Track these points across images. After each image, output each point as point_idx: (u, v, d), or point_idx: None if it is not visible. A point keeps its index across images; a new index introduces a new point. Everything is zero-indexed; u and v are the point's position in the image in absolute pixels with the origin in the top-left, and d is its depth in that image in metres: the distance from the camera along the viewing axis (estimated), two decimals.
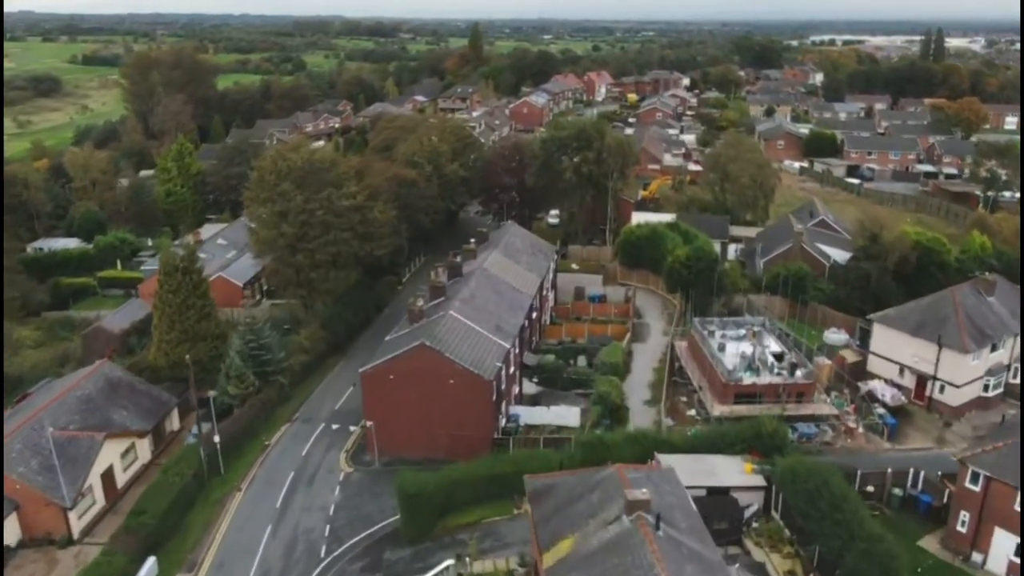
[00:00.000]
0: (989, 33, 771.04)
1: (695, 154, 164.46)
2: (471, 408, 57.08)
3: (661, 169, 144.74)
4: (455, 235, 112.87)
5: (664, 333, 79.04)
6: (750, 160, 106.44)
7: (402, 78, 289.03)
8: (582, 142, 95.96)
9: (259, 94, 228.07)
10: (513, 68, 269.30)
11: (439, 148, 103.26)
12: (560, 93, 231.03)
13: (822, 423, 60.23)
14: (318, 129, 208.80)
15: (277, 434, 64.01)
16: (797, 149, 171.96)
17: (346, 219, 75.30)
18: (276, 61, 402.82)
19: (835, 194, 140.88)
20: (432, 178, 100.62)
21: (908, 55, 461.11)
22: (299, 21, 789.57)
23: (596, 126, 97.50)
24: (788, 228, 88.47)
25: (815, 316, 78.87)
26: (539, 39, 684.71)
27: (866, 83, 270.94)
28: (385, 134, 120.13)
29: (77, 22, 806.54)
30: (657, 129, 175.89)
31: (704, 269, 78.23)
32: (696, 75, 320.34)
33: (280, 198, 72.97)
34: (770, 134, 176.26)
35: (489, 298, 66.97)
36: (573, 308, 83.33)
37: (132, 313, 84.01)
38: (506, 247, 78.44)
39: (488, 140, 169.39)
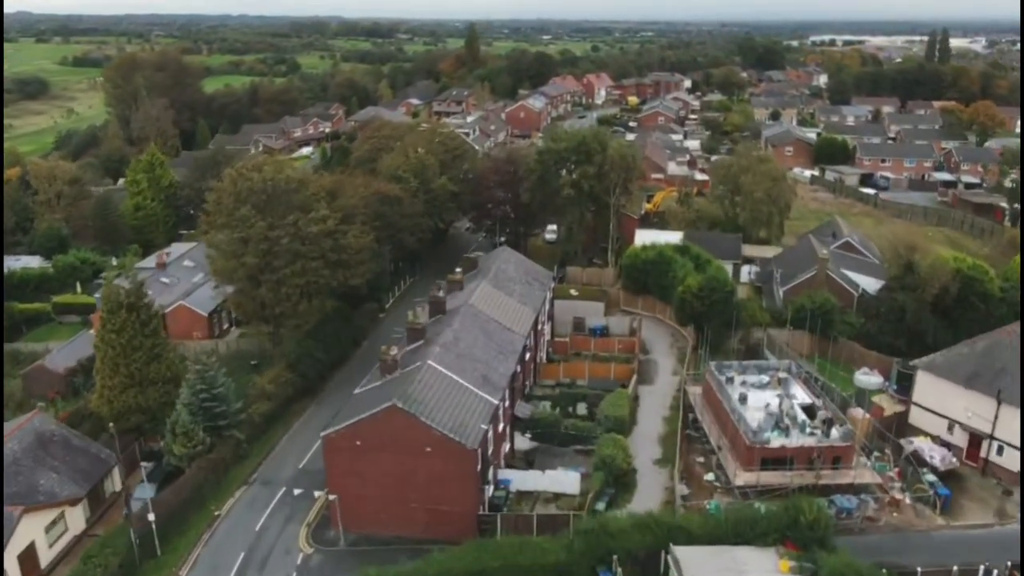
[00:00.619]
0: (989, 34, 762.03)
1: (700, 162, 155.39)
2: (451, 481, 48.01)
3: (665, 179, 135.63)
4: (445, 253, 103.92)
5: (674, 373, 69.94)
6: (764, 173, 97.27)
7: (396, 80, 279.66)
8: (582, 155, 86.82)
9: (247, 98, 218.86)
10: (510, 70, 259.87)
11: (426, 161, 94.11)
12: (558, 96, 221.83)
13: (863, 493, 51.16)
14: (307, 134, 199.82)
15: (230, 501, 54.83)
16: (807, 156, 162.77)
17: (316, 246, 66.19)
18: (270, 63, 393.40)
19: (850, 206, 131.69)
20: (418, 194, 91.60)
21: (911, 56, 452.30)
22: (296, 22, 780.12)
23: (597, 137, 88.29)
24: (809, 251, 79.36)
25: (843, 354, 69.81)
26: (538, 40, 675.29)
27: (873, 85, 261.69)
28: (370, 144, 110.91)
29: (74, 23, 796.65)
30: (660, 135, 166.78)
31: (719, 301, 69.15)
32: (698, 77, 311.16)
33: (239, 224, 63.79)
34: (778, 140, 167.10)
35: (476, 341, 57.85)
36: (572, 343, 74.21)
37: (81, 348, 74.84)
38: (497, 276, 69.31)
39: (483, 147, 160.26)
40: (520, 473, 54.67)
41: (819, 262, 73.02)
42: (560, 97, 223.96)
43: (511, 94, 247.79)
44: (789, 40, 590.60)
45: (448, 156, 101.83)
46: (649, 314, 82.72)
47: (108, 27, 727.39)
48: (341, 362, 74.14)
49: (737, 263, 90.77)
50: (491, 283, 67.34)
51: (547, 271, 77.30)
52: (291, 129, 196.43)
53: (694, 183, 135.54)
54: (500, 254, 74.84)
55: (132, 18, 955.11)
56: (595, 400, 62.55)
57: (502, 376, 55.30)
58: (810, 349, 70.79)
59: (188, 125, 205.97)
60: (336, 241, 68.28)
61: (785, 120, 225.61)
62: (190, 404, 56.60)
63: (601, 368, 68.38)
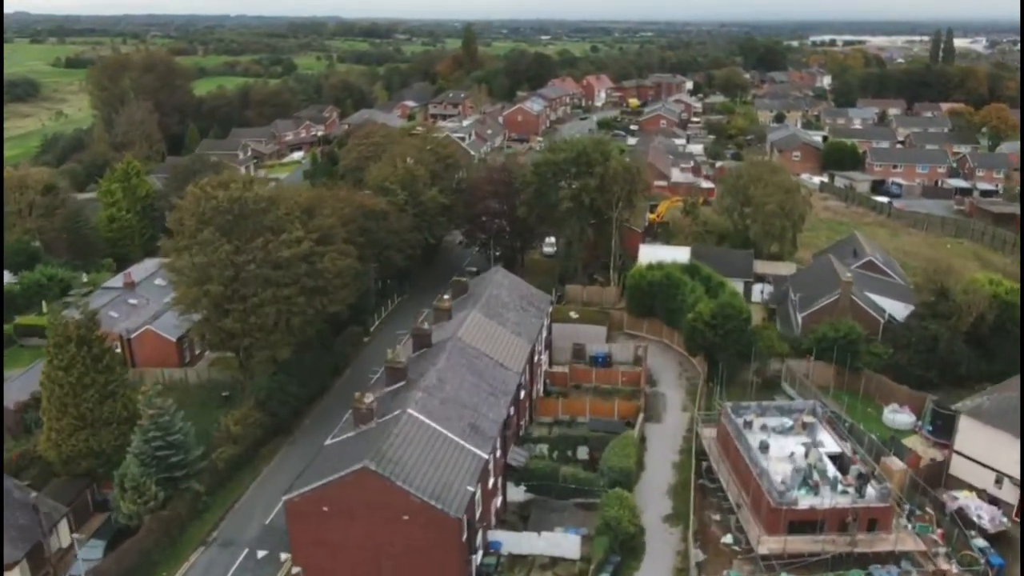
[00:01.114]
0: (989, 34, 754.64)
1: (705, 168, 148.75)
2: (433, 552, 41.43)
3: (669, 187, 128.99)
4: (436, 269, 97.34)
5: (684, 409, 63.33)
6: (777, 184, 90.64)
7: (392, 82, 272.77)
8: (582, 167, 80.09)
9: (238, 100, 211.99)
10: (508, 72, 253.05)
11: (415, 172, 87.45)
12: (557, 99, 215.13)
13: (903, 561, 44.57)
14: (299, 138, 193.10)
15: (184, 567, 48.17)
16: (815, 161, 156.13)
17: (289, 271, 59.49)
18: (265, 64, 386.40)
19: (862, 215, 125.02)
20: (407, 207, 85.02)
21: (915, 57, 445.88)
22: (293, 22, 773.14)
23: (598, 147, 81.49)
24: (829, 271, 72.74)
25: (870, 387, 63.20)
26: (536, 40, 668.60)
27: (878, 87, 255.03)
28: (358, 151, 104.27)
29: (71, 23, 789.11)
30: (662, 139, 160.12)
31: (734, 331, 62.52)
32: (699, 78, 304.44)
33: (202, 248, 57.11)
34: (785, 144, 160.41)
35: (463, 381, 51.21)
36: (572, 374, 67.54)
37: (36, 379, 68.07)
38: (489, 303, 62.65)
39: (479, 152, 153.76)
40: (513, 535, 48.01)
41: (842, 286, 66.34)
42: (559, 100, 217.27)
43: (509, 96, 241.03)
44: (789, 40, 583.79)
45: (440, 165, 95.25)
46: (655, 338, 76.19)
47: (105, 28, 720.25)
48: (320, 394, 67.56)
49: (749, 281, 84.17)
50: (482, 311, 60.69)
51: (544, 294, 70.57)
52: (282, 133, 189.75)
53: (699, 191, 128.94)
54: (493, 277, 68.14)
55: (130, 19, 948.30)
56: (597, 444, 55.87)
57: (493, 423, 48.67)
58: (833, 382, 64.17)
59: (178, 128, 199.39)
60: (313, 265, 61.60)
61: (790, 123, 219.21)
62: (141, 454, 49.99)
63: (604, 405, 61.72)
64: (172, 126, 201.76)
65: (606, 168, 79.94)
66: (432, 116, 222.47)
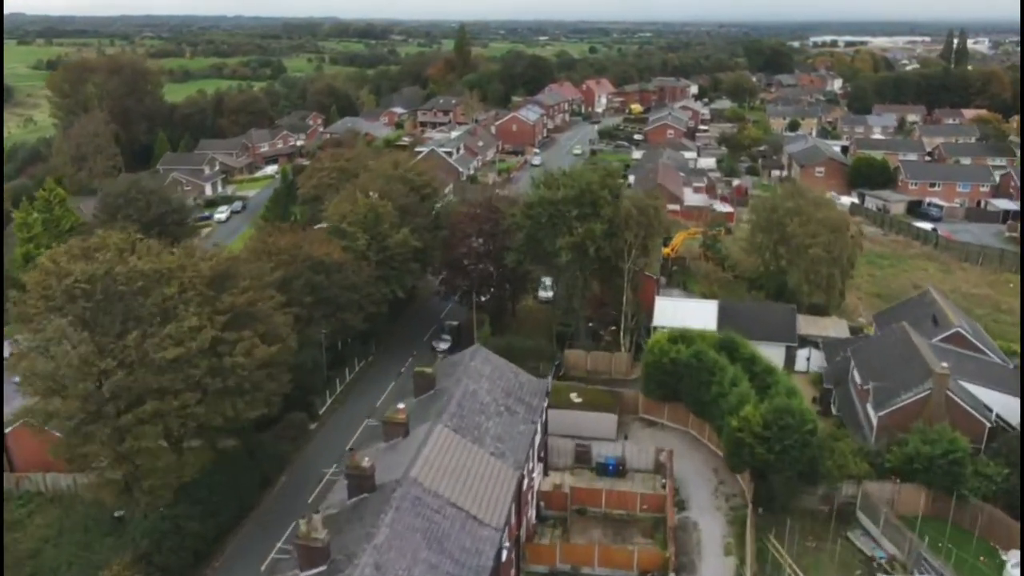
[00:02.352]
0: (989, 34, 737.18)
1: (720, 187, 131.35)
2: None
3: (682, 211, 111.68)
4: (409, 320, 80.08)
5: (726, 551, 45.95)
6: (822, 221, 73.33)
7: (382, 86, 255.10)
8: (585, 207, 62.57)
9: (212, 107, 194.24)
10: (503, 76, 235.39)
11: (380, 209, 69.98)
12: (555, 106, 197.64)
13: None
14: (276, 149, 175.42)
15: None
16: (840, 178, 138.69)
17: (181, 374, 42.12)
18: (254, 66, 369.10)
19: (904, 246, 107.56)
20: (369, 253, 67.73)
21: (919, 58, 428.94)
22: (288, 23, 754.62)
23: (606, 182, 63.85)
24: (904, 347, 55.28)
25: (979, 523, 45.90)
26: (534, 41, 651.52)
27: (895, 92, 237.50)
28: (318, 177, 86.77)
29: (65, 24, 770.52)
30: (671, 153, 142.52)
31: (794, 446, 45.19)
32: (703, 81, 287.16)
33: (49, 346, 39.72)
34: (806, 158, 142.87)
35: (415, 561, 33.82)
36: (574, 495, 50.10)
37: None
38: (462, 406, 45.21)
39: (467, 168, 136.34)
40: None
41: (936, 380, 48.81)
42: (557, 107, 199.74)
43: (504, 102, 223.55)
44: (790, 41, 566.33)
45: (414, 197, 77.81)
46: (678, 427, 58.98)
47: (97, 28, 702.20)
48: (240, 518, 50.18)
49: (792, 346, 66.95)
50: (452, 421, 43.26)
51: (539, 382, 53.04)
52: (257, 144, 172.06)
53: (716, 216, 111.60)
54: (470, 363, 50.50)
55: (126, 19, 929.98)
56: None
57: None
58: (924, 508, 46.94)
59: (146, 138, 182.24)
60: (220, 359, 44.19)
61: (804, 131, 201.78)
62: None
63: (617, 554, 44.31)
64: (140, 135, 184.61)
65: (616, 209, 62.52)
66: (421, 124, 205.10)
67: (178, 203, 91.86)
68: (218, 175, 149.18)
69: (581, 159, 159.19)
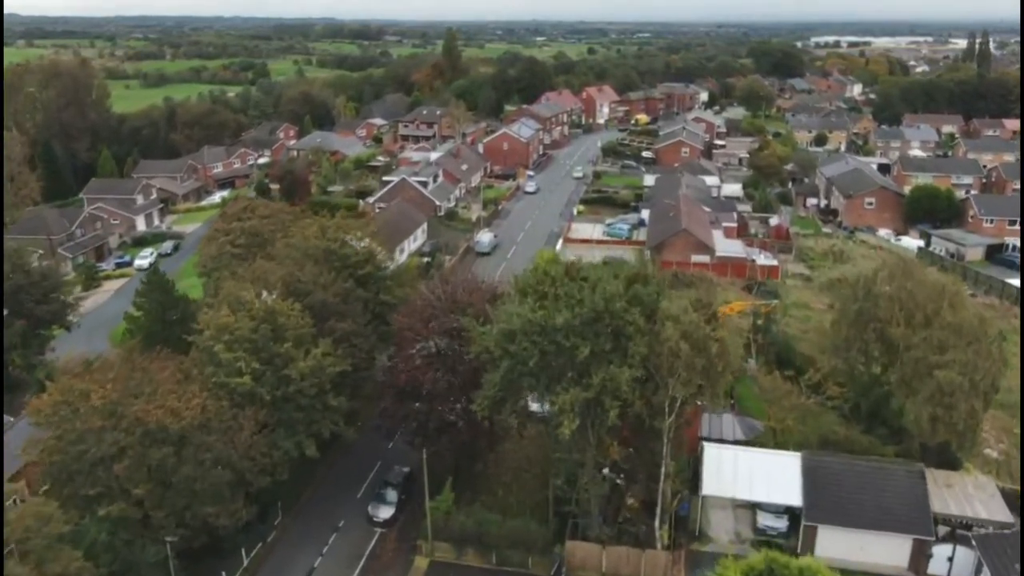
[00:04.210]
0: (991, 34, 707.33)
1: (754, 226, 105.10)
2: None
3: (713, 263, 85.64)
4: (340, 465, 53.78)
5: None
6: (953, 327, 47.22)
7: (365, 92, 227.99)
8: (603, 339, 36.14)
9: (164, 120, 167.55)
10: (495, 82, 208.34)
11: (281, 317, 43.74)
12: (552, 117, 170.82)
13: None
14: (232, 169, 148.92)
15: None
16: (895, 211, 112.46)
17: None
18: (235, 69, 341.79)
19: (1003, 311, 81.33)
20: (259, 390, 41.64)
21: (930, 59, 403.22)
22: (281, 24, 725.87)
23: (637, 295, 37.27)
24: None
25: None
26: (532, 42, 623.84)
27: (925, 99, 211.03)
28: (218, 247, 60.24)
29: (58, 25, 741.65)
30: (690, 179, 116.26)
31: None
32: (711, 86, 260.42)
33: None
34: (852, 186, 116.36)
35: None
36: None
37: None
38: None
39: (446, 200, 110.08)
40: None
41: None
42: (555, 119, 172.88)
43: (496, 111, 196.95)
44: (791, 42, 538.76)
45: (346, 281, 51.56)
46: None
47: (88, 29, 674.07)
48: None
49: (924, 540, 41.04)
50: None
51: None
52: (209, 164, 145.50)
53: (754, 268, 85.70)
54: None
55: (121, 20, 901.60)
56: None
57: None
58: None
59: (88, 155, 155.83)
60: None
61: (832, 145, 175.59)
62: None
63: None
64: (81, 152, 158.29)
65: (654, 342, 36.18)
66: (403, 137, 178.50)
67: (41, 273, 65.53)
68: (154, 205, 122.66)
69: (583, 183, 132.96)
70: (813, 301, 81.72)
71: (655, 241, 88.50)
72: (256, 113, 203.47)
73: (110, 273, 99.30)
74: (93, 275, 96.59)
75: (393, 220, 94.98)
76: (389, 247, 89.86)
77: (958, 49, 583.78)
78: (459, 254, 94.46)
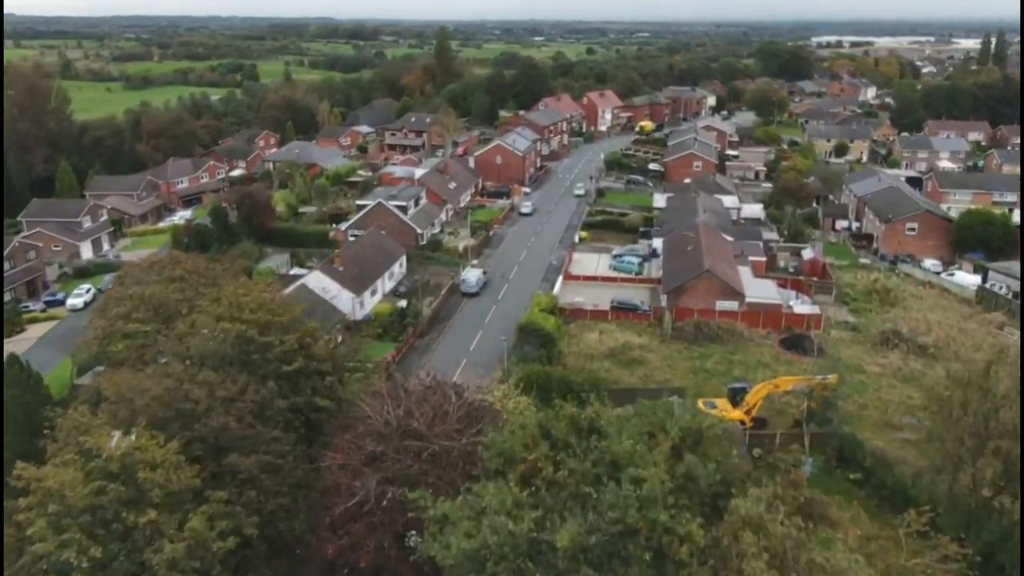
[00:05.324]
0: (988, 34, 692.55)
1: (783, 258, 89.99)
2: None
3: (744, 310, 70.61)
4: None
5: None
6: None
7: (352, 96, 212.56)
8: (636, 570, 21.09)
9: (129, 130, 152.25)
10: (489, 86, 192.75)
11: (144, 470, 28.65)
12: (551, 126, 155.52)
13: None
14: (198, 185, 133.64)
15: None
16: (941, 238, 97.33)
17: None
18: (222, 71, 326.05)
19: None
20: None
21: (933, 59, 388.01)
22: (275, 23, 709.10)
23: (698, 482, 22.21)
24: None
25: None
26: (530, 42, 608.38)
27: (947, 104, 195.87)
28: (108, 320, 45.04)
29: (52, 25, 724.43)
30: (706, 200, 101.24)
31: None
32: (716, 88, 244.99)
33: None
34: (890, 209, 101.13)
35: None
36: None
37: None
38: None
39: (428, 228, 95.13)
40: None
41: None
42: (554, 127, 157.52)
43: (490, 118, 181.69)
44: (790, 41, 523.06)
45: (265, 377, 36.57)
46: None
47: (80, 29, 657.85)
48: None
49: None
50: None
51: None
52: (174, 179, 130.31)
53: (791, 317, 70.76)
54: None
55: (117, 20, 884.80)
56: None
57: None
58: None
59: (44, 168, 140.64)
60: None
61: (854, 155, 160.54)
62: None
63: None
64: (37, 165, 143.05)
65: (720, 565, 21.18)
66: (390, 147, 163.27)
67: None
68: (104, 228, 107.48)
69: (585, 202, 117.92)
70: (866, 359, 66.82)
71: (673, 284, 73.49)
72: (234, 119, 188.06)
73: (36, 316, 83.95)
74: (15, 317, 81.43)
75: (364, 255, 79.96)
76: (357, 288, 75.12)
77: (961, 49, 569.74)
78: (442, 295, 79.41)
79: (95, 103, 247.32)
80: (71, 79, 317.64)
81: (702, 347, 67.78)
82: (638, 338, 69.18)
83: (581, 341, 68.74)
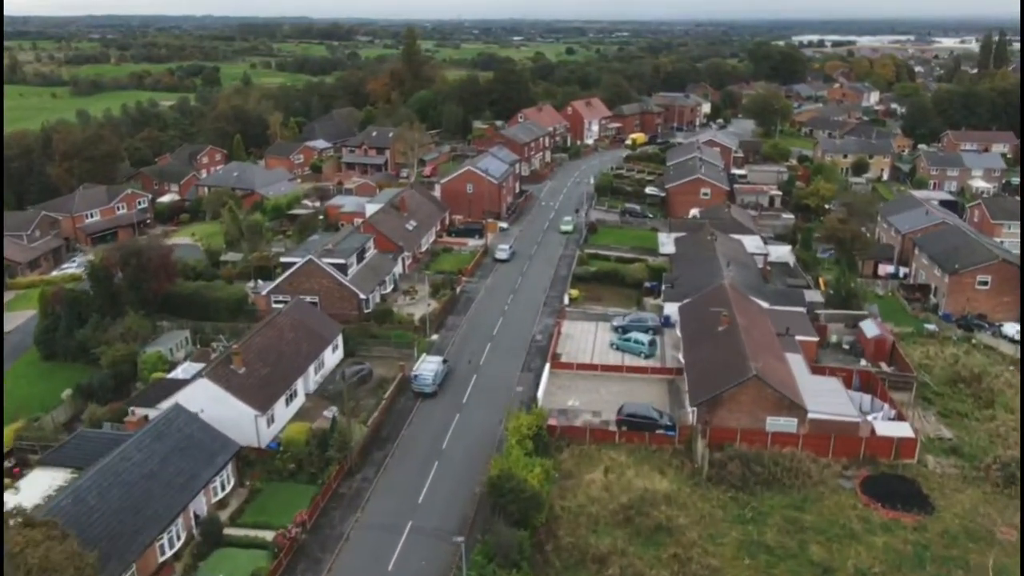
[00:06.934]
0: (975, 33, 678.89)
1: (834, 329, 68.21)
2: None
3: (806, 432, 48.80)
4: None
5: None
6: None
7: (313, 106, 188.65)
8: None
9: (39, 148, 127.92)
10: (462, 94, 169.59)
11: None
12: (531, 143, 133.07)
13: None
14: (113, 218, 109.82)
15: None
16: (1012, 287, 76.19)
17: None
18: (181, 74, 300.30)
19: None
20: None
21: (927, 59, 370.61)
22: (245, 23, 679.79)
23: None
24: None
25: None
26: (508, 41, 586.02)
27: (964, 112, 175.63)
28: None
29: (18, 25, 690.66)
30: (725, 246, 79.31)
31: None
32: (704, 91, 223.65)
33: None
34: (953, 255, 79.70)
35: None
36: None
37: None
38: None
39: (375, 288, 72.62)
40: None
41: None
42: (535, 143, 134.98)
43: (463, 131, 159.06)
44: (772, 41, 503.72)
45: None
46: None
47: (47, 29, 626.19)
48: None
49: None
50: None
51: None
52: (82, 212, 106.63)
53: (873, 441, 49.16)
54: None
55: (88, 20, 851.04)
56: None
57: None
58: None
59: None
60: None
61: (874, 172, 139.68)
62: None
63: None
64: None
65: None
66: (348, 166, 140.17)
67: None
68: None
69: (574, 240, 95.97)
70: (992, 515, 45.22)
71: (705, 394, 51.29)
72: (175, 133, 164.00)
73: None
74: None
75: (279, 343, 57.26)
76: (264, 402, 52.54)
77: (944, 49, 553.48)
78: (387, 395, 57.11)
79: (31, 112, 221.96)
80: (16, 83, 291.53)
81: (753, 495, 46.05)
82: (661, 480, 47.37)
83: (579, 486, 46.83)
